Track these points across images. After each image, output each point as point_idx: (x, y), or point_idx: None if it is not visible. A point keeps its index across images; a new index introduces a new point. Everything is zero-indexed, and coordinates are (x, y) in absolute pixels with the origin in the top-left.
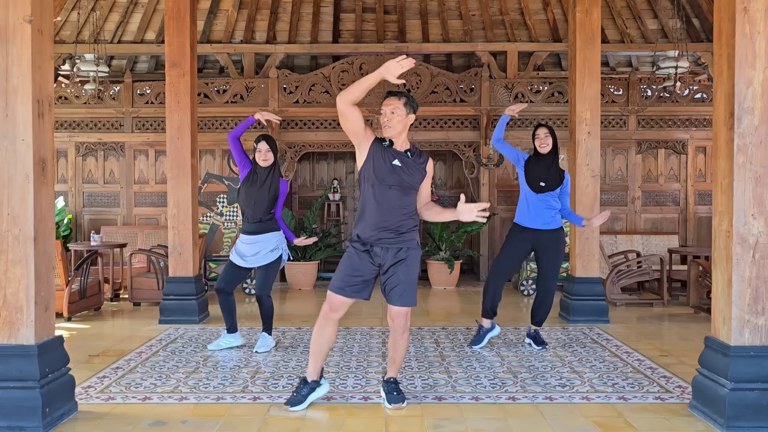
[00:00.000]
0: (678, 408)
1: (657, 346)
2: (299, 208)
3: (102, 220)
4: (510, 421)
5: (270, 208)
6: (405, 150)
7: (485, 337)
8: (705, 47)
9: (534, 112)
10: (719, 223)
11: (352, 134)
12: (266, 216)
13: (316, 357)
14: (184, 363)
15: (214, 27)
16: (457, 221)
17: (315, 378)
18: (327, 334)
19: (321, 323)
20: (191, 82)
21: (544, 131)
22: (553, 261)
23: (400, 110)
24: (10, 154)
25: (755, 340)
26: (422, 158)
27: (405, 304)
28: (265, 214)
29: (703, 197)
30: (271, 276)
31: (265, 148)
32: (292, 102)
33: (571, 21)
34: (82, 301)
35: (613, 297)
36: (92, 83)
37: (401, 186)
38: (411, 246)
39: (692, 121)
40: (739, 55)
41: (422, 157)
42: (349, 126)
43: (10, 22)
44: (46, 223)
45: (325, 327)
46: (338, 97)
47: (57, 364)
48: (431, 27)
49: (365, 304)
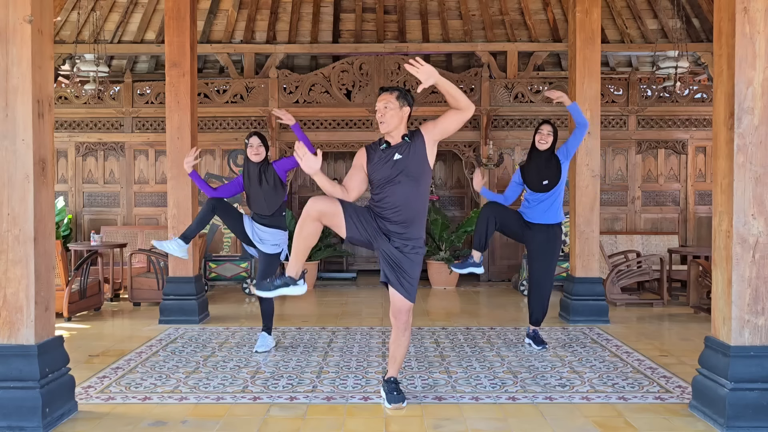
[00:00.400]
0: (678, 408)
1: (657, 346)
2: (299, 208)
3: (102, 220)
4: (510, 421)
5: (280, 198)
6: (402, 136)
7: (469, 267)
8: (705, 47)
9: (534, 112)
10: (719, 223)
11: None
12: (278, 210)
13: (297, 254)
14: (184, 363)
15: (214, 27)
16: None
17: (293, 275)
18: (311, 231)
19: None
20: (191, 82)
21: (547, 128)
22: (549, 257)
23: (392, 104)
24: (10, 154)
25: (755, 340)
26: (416, 136)
27: (406, 295)
28: (277, 204)
29: (703, 197)
30: (271, 271)
31: (257, 143)
32: (292, 102)
33: (571, 21)
34: (82, 301)
35: (613, 297)
36: (92, 83)
37: (408, 175)
38: (416, 245)
39: (692, 121)
40: (739, 55)
41: (415, 135)
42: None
43: (10, 22)
44: (46, 223)
45: (309, 226)
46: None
47: (57, 364)
48: (431, 27)
49: (365, 304)
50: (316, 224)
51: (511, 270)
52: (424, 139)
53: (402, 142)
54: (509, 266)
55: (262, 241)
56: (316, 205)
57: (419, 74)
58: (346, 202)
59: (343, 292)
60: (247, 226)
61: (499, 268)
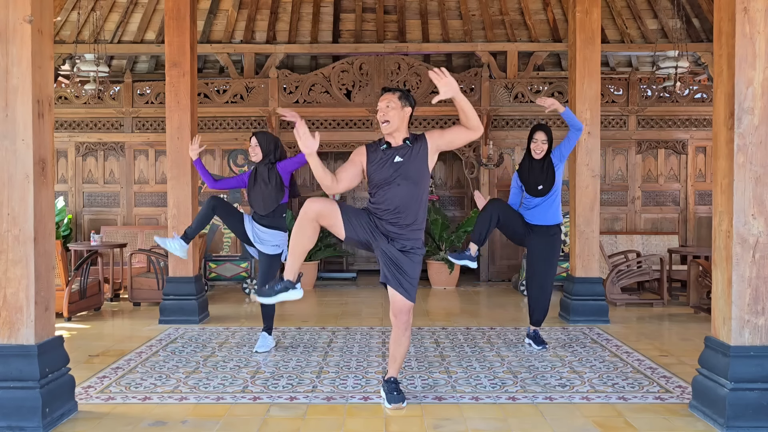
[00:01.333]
0: (678, 408)
1: (657, 346)
2: (299, 208)
3: (102, 220)
4: (510, 421)
5: (278, 199)
6: (404, 139)
7: (465, 259)
8: (705, 47)
9: (534, 112)
10: (719, 223)
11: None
12: (277, 211)
13: (295, 256)
14: (184, 363)
15: (214, 27)
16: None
17: (291, 278)
18: (308, 233)
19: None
20: (191, 82)
21: (542, 137)
22: (549, 258)
23: (395, 103)
24: (10, 154)
25: (755, 340)
26: (419, 141)
27: (406, 296)
28: (274, 204)
29: (703, 197)
30: (272, 273)
31: (254, 143)
32: (292, 102)
33: (571, 21)
34: (82, 301)
35: (613, 297)
36: (92, 83)
37: (407, 178)
38: (416, 245)
39: (692, 121)
40: (739, 55)
41: (419, 140)
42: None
43: (10, 22)
44: (46, 223)
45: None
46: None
47: (57, 364)
48: (431, 27)
49: (365, 304)
50: (313, 225)
51: (511, 270)
52: (427, 146)
53: (403, 144)
54: (509, 266)
55: (261, 242)
56: (313, 206)
57: (440, 84)
58: (344, 203)
59: (343, 292)
60: (248, 226)
61: (499, 268)
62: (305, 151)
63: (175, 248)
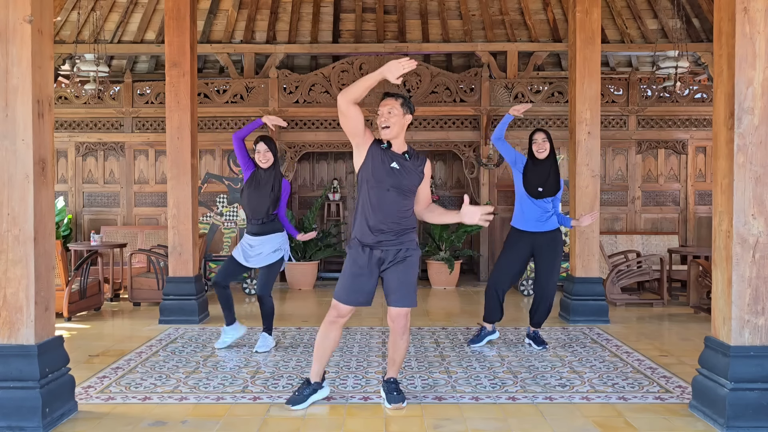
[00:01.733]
0: (678, 408)
1: (657, 346)
2: (299, 208)
3: (102, 220)
4: (510, 421)
5: (272, 209)
6: (403, 152)
7: (485, 338)
8: (705, 47)
9: (534, 112)
10: (719, 223)
11: (351, 134)
12: (268, 217)
13: (320, 360)
14: (184, 363)
15: (214, 27)
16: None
17: (317, 380)
18: (332, 337)
19: (327, 327)
20: (191, 82)
21: (541, 136)
22: (551, 262)
23: (397, 110)
24: (10, 154)
25: (755, 340)
26: (419, 160)
27: (405, 305)
28: (267, 215)
29: (703, 197)
30: (273, 276)
31: (264, 149)
32: (292, 102)
33: (571, 21)
34: (82, 301)
35: (613, 297)
36: (92, 83)
37: (399, 189)
38: (410, 246)
39: (692, 121)
40: (739, 55)
41: (419, 159)
42: (350, 125)
43: (10, 22)
44: (46, 223)
45: (331, 330)
46: (339, 96)
47: (57, 364)
48: (431, 27)
49: None
50: (339, 331)
51: None
52: (424, 175)
53: (403, 155)
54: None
55: (257, 256)
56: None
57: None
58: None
59: None
60: (240, 257)
61: None
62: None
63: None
